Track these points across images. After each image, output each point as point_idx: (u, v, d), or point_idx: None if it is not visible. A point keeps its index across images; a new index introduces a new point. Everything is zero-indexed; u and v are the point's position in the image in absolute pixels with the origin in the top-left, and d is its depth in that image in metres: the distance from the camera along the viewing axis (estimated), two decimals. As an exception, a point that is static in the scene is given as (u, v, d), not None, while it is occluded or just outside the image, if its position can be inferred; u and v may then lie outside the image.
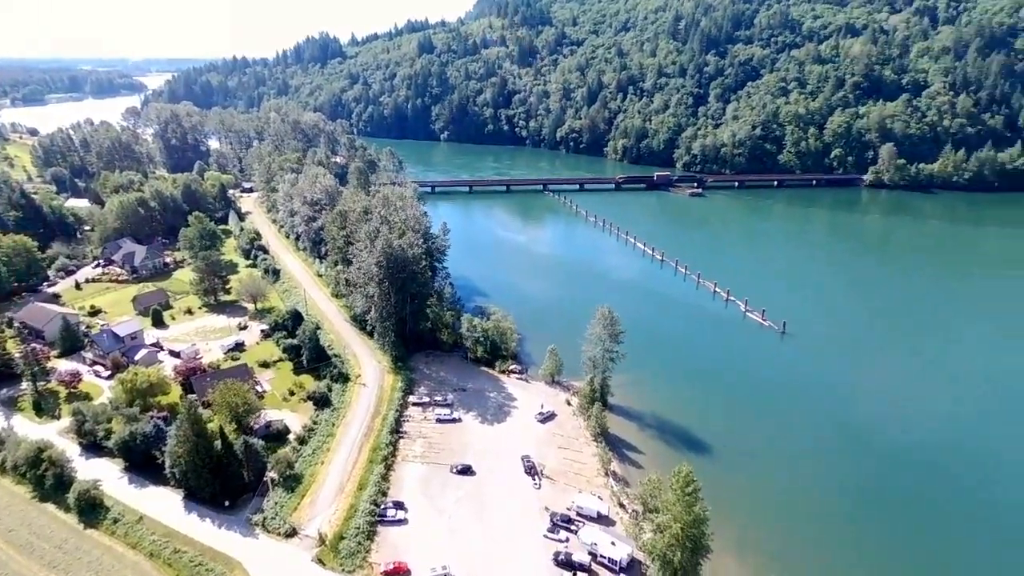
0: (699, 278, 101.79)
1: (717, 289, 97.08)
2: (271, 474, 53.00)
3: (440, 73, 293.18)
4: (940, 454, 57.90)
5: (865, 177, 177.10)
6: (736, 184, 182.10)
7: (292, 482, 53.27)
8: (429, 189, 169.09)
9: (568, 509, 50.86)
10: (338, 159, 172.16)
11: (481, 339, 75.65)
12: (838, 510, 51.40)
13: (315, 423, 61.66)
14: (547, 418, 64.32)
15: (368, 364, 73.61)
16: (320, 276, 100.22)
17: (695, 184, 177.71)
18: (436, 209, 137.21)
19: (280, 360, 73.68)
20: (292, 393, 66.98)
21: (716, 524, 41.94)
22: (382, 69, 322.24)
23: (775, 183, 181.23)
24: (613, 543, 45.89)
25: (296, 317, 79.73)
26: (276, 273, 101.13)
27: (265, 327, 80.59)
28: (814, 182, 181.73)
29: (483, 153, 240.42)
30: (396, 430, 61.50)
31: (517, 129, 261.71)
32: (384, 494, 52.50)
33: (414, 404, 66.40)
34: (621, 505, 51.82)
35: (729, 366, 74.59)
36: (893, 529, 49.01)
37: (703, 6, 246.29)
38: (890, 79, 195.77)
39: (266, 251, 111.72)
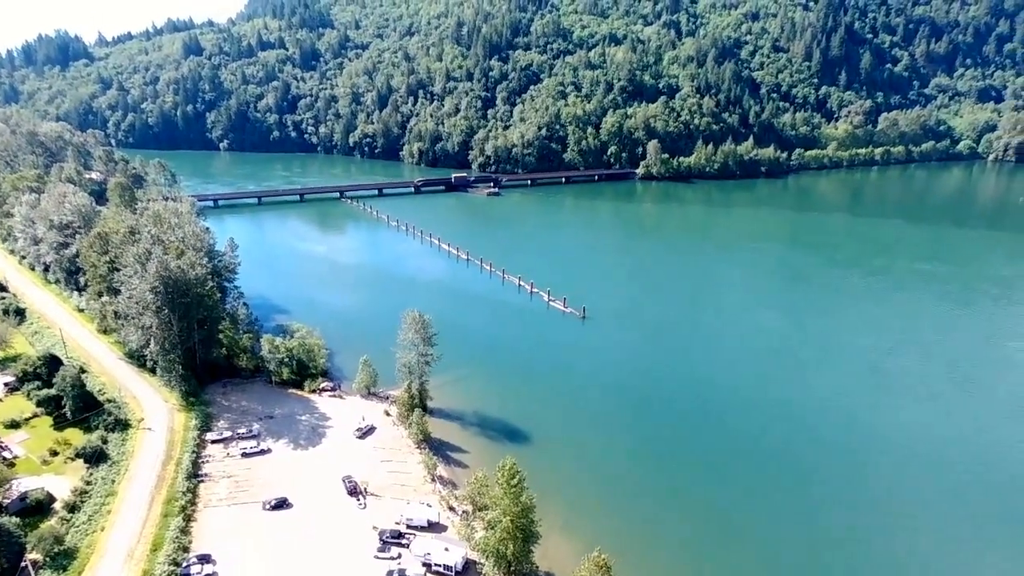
0: (504, 273, 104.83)
1: (521, 283, 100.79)
2: (32, 556, 43.71)
3: (212, 77, 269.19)
4: (728, 410, 65.31)
5: (638, 171, 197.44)
6: (529, 182, 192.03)
7: (64, 559, 44.43)
8: (211, 203, 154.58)
9: (397, 523, 48.89)
10: (93, 175, 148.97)
11: (286, 360, 70.02)
12: (650, 477, 55.78)
13: (89, 484, 51.99)
14: (366, 433, 61.53)
15: (152, 405, 64.30)
16: (81, 311, 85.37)
17: (491, 184, 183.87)
18: (222, 224, 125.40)
19: (35, 416, 61.27)
20: (55, 453, 55.78)
21: (542, 510, 43.16)
22: (140, 72, 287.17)
23: (563, 180, 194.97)
24: (446, 549, 45.04)
25: (52, 362, 66.75)
26: (20, 313, 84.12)
27: (10, 379, 66.65)
28: (596, 177, 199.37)
29: (270, 161, 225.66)
30: (194, 474, 54.27)
31: (307, 135, 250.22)
32: (186, 549, 45.93)
33: (213, 441, 59.30)
34: (451, 509, 51.14)
35: (540, 355, 77.56)
36: (701, 487, 54.24)
37: (483, 13, 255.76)
38: (650, 83, 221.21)
39: (3, 288, 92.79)
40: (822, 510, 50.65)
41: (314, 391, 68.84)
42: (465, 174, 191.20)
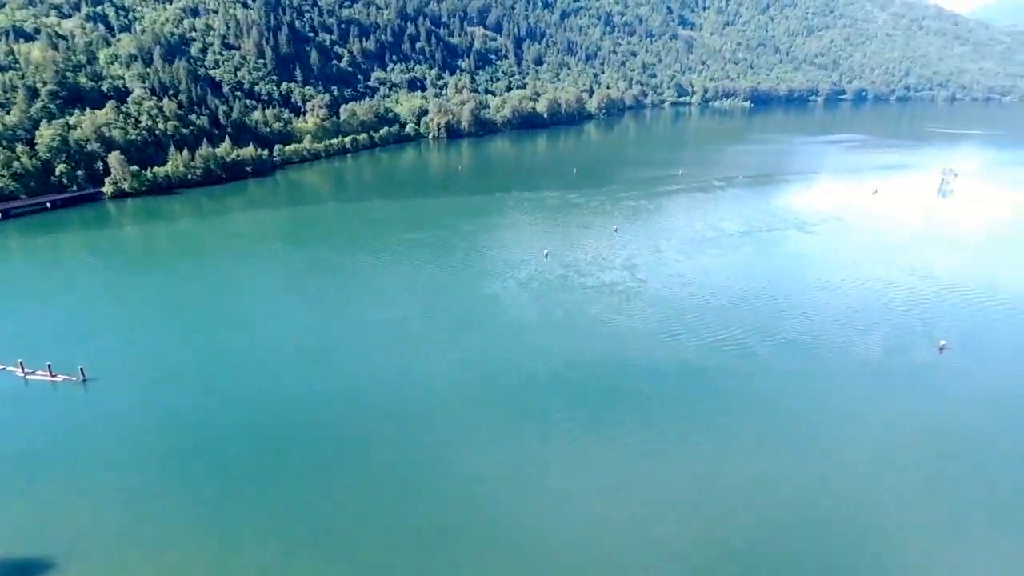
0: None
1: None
2: None
3: None
4: (282, 420, 63.18)
5: (104, 190, 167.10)
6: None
7: None
8: None
9: None
10: None
11: None
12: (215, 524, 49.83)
13: None
14: None
15: None
16: None
17: None
18: None
19: None
20: None
21: None
22: None
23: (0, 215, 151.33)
24: None
25: None
26: None
27: None
28: (49, 205, 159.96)
29: None
30: None
31: None
32: None
33: None
34: None
35: (14, 448, 59.54)
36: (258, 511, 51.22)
37: None
38: (89, 86, 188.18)
39: None
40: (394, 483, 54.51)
41: None
42: None
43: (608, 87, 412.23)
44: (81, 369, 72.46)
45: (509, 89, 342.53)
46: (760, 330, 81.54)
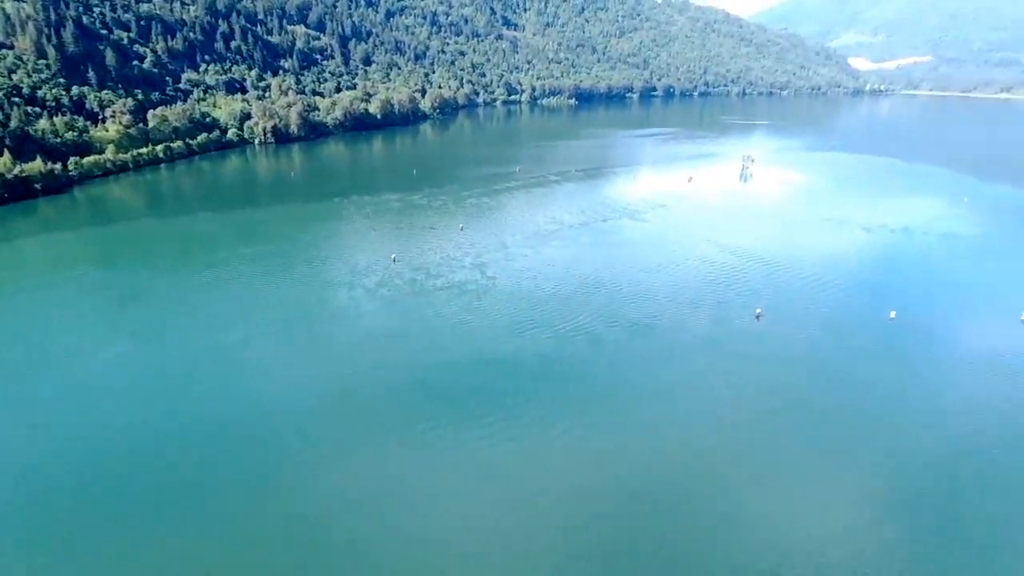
0: None
1: None
2: None
3: None
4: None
5: None
6: None
7: None
8: None
9: None
10: None
11: None
12: None
13: None
14: None
15: None
16: None
17: None
18: None
19: None
20: None
21: None
22: None
23: None
24: None
25: None
26: None
27: None
28: None
29: None
30: None
31: None
32: None
33: None
34: None
35: None
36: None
37: None
38: None
39: None
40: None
41: None
42: None
43: (440, 87, 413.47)
44: None
45: (339, 90, 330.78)
46: (605, 315, 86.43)
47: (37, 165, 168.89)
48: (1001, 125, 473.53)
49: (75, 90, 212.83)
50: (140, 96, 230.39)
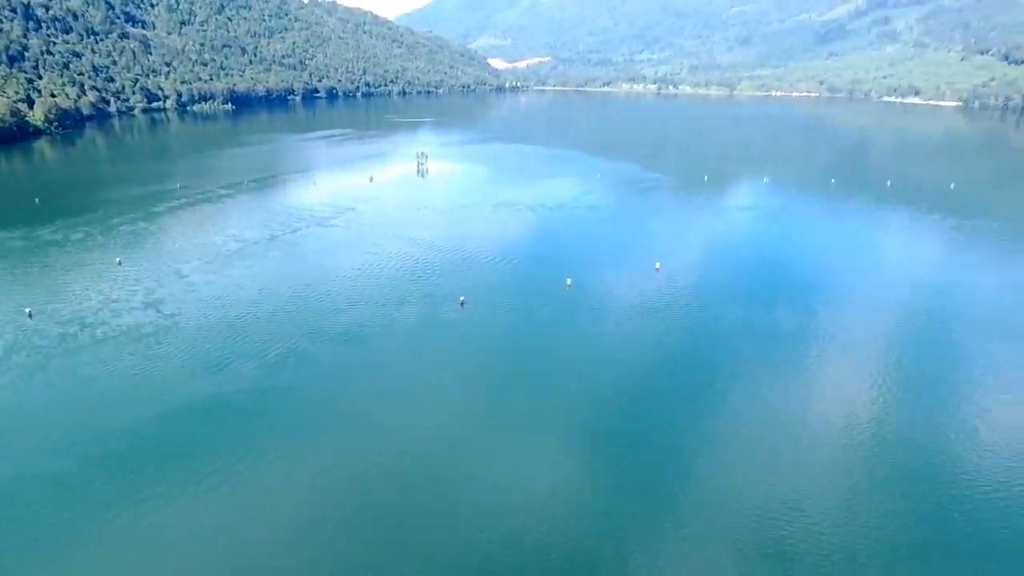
0: None
1: None
2: None
3: None
4: None
5: None
6: None
7: None
8: None
9: None
10: None
11: None
12: None
13: None
14: None
15: None
16: None
17: None
18: None
19: None
20: None
21: None
22: None
23: None
24: None
25: None
26: None
27: None
28: None
29: None
30: None
31: None
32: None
33: None
34: None
35: None
36: None
37: None
38: None
39: None
40: None
41: None
42: None
43: (54, 95, 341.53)
44: None
45: None
46: (312, 331, 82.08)
47: None
48: (608, 112, 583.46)
49: None
50: None
